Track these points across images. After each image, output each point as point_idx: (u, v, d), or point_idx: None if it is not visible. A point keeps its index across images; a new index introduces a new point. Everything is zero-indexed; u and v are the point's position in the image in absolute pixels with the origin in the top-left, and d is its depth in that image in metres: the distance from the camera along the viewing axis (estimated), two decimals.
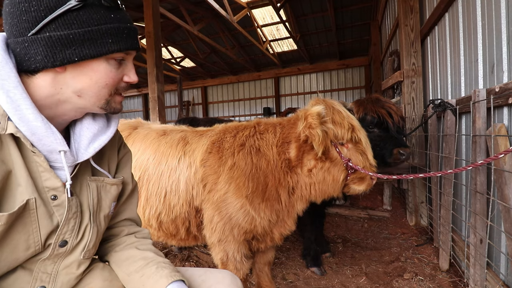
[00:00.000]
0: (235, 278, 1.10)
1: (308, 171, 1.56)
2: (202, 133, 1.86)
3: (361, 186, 1.57)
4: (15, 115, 0.67)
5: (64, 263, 0.82)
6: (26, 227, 0.71)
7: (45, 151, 0.73)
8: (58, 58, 0.68)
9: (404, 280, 2.28)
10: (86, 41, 0.68)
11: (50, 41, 0.66)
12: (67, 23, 0.66)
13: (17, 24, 0.66)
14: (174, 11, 7.75)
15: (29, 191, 0.70)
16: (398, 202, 4.45)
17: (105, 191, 0.90)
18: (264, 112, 13.10)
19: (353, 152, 1.53)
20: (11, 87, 0.66)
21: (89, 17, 0.68)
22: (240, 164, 1.60)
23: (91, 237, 0.84)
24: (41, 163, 0.72)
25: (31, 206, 0.70)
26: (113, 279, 0.94)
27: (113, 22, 0.72)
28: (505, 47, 1.83)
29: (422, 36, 3.60)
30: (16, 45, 0.68)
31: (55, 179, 0.74)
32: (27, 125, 0.68)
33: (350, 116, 1.54)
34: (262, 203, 1.59)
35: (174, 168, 1.74)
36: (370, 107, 2.33)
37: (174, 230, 1.76)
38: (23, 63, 0.69)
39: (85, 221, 0.83)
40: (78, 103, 0.77)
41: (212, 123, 2.27)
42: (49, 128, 0.71)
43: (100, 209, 0.88)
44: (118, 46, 0.73)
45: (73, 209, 0.79)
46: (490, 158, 1.22)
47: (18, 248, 0.72)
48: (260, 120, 1.81)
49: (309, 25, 9.26)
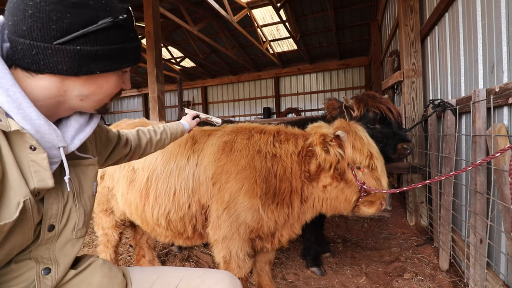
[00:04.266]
0: (234, 279, 1.10)
1: (323, 187, 1.63)
2: (210, 133, 1.87)
3: (370, 209, 1.63)
4: (18, 113, 0.67)
5: (57, 245, 0.83)
6: (23, 227, 0.71)
7: (46, 148, 0.74)
8: (82, 70, 0.71)
9: (404, 280, 2.28)
10: (111, 57, 0.74)
11: (79, 54, 0.69)
12: (97, 39, 0.71)
13: (41, 29, 0.66)
14: (174, 11, 7.76)
15: (22, 192, 0.69)
16: (398, 202, 4.45)
17: (83, 173, 0.91)
18: (264, 112, 13.11)
19: (368, 177, 1.60)
20: (9, 85, 0.66)
21: (116, 36, 0.74)
22: (256, 166, 1.64)
23: (79, 218, 0.86)
24: (40, 162, 0.71)
25: (27, 207, 0.70)
26: (112, 275, 0.95)
27: (133, 41, 0.80)
28: (505, 47, 1.83)
29: (422, 36, 3.60)
30: (32, 48, 0.67)
31: (48, 180, 0.73)
32: (31, 123, 0.69)
33: (370, 143, 1.60)
34: (272, 205, 1.63)
35: (183, 166, 1.75)
36: (371, 103, 2.30)
37: (182, 228, 1.77)
38: (32, 65, 0.69)
39: (69, 204, 0.84)
40: (77, 105, 0.79)
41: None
42: (51, 125, 0.72)
43: (83, 191, 0.89)
44: (134, 62, 0.81)
45: (52, 195, 0.79)
46: (488, 157, 1.22)
47: (15, 248, 0.72)
48: (280, 129, 1.81)
49: (309, 25, 9.27)
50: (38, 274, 0.79)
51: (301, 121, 2.80)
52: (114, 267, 1.00)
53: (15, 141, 0.69)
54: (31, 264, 0.79)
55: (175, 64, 12.52)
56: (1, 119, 0.66)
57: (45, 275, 0.80)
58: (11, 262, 0.76)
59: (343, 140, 1.57)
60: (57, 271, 0.82)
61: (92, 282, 0.90)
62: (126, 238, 3.19)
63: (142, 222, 1.89)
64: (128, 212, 1.92)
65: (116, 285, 0.94)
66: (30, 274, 0.78)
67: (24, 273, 0.78)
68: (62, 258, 0.84)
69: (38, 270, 0.79)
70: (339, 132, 1.55)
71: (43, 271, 0.80)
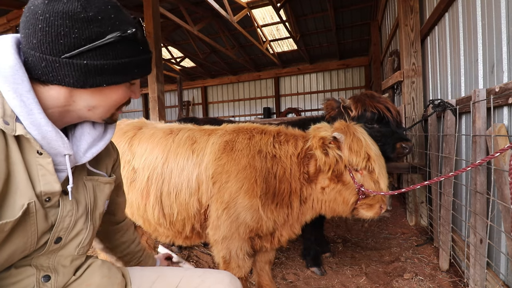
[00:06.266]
0: (234, 279, 1.10)
1: (322, 189, 1.63)
2: (210, 132, 1.87)
3: (369, 212, 1.62)
4: (27, 119, 0.69)
5: (58, 257, 0.83)
6: (25, 231, 0.71)
7: (52, 154, 0.75)
8: (88, 83, 0.73)
9: (404, 280, 2.28)
10: (118, 70, 0.75)
11: (85, 68, 0.70)
12: (104, 54, 0.72)
13: (50, 43, 0.68)
14: (174, 11, 7.75)
15: (28, 194, 0.70)
16: (398, 202, 4.45)
17: (100, 190, 0.93)
18: (264, 112, 13.10)
19: (367, 179, 1.58)
20: (24, 91, 0.68)
21: (124, 50, 0.74)
22: (256, 166, 1.64)
23: (87, 234, 0.87)
24: (46, 166, 0.73)
25: (31, 210, 0.70)
26: (111, 276, 0.95)
27: (141, 55, 0.79)
28: (505, 47, 1.83)
29: (422, 36, 3.60)
30: (41, 60, 0.70)
31: (55, 183, 0.74)
32: (39, 129, 0.70)
33: (369, 145, 1.58)
34: (272, 205, 1.63)
35: (184, 166, 1.75)
36: (369, 103, 2.29)
37: (181, 227, 1.78)
38: (42, 76, 0.71)
39: (81, 219, 0.85)
40: (85, 114, 0.81)
41: (212, 123, 2.28)
42: (58, 133, 0.74)
43: (96, 207, 0.91)
44: (141, 74, 0.82)
45: (67, 207, 0.80)
46: (487, 157, 1.22)
47: (16, 252, 0.72)
48: (281, 130, 1.81)
49: (309, 25, 9.27)
50: (38, 281, 0.79)
51: (301, 121, 2.81)
52: (113, 267, 0.99)
53: (25, 145, 0.71)
54: (31, 271, 0.79)
55: (175, 64, 12.52)
56: (8, 123, 0.67)
57: (44, 282, 0.80)
58: (11, 267, 0.76)
59: (341, 141, 1.56)
60: (56, 279, 0.83)
61: (91, 283, 0.90)
62: None
63: (144, 222, 1.89)
64: (129, 213, 1.92)
65: (116, 285, 0.94)
66: (30, 281, 0.78)
67: (23, 279, 0.78)
68: (61, 269, 0.84)
69: (38, 277, 0.80)
70: (336, 134, 1.55)
71: (43, 278, 0.80)
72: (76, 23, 0.67)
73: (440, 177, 1.37)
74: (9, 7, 5.92)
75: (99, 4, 0.71)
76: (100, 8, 0.70)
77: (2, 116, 0.66)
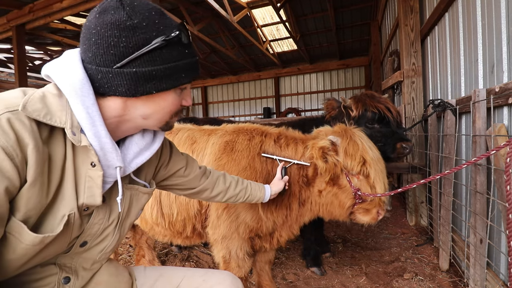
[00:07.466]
0: (235, 279, 1.11)
1: (319, 192, 1.63)
2: (209, 132, 1.87)
3: (365, 217, 1.61)
4: (91, 130, 0.71)
5: (81, 259, 0.84)
6: (61, 239, 0.73)
7: (104, 166, 0.76)
8: (139, 91, 0.74)
9: (404, 280, 2.28)
10: (165, 76, 0.75)
11: (135, 76, 0.71)
12: (152, 60, 0.72)
13: (103, 55, 0.69)
14: (174, 11, 7.75)
15: (71, 205, 0.71)
16: (398, 202, 4.45)
17: (137, 199, 0.93)
18: (264, 112, 13.10)
19: (364, 183, 1.57)
20: (89, 104, 0.71)
21: (170, 54, 0.75)
22: (256, 167, 1.64)
23: (112, 242, 0.87)
24: (95, 179, 0.73)
25: (70, 221, 0.72)
26: (119, 274, 0.96)
27: (188, 58, 0.79)
28: (505, 47, 1.83)
29: (422, 36, 3.60)
30: (97, 73, 0.71)
31: (98, 197, 0.75)
32: (99, 141, 0.72)
33: (365, 149, 1.55)
34: (272, 206, 1.63)
35: None
36: (369, 103, 2.30)
37: (181, 228, 1.78)
38: (100, 88, 0.73)
39: (110, 227, 0.85)
40: (142, 124, 0.82)
41: (212, 123, 2.28)
42: (114, 145, 0.76)
43: (128, 217, 0.91)
44: (189, 79, 0.81)
45: (99, 215, 0.81)
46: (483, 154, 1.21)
47: (48, 256, 0.74)
48: (281, 132, 1.80)
49: (309, 25, 9.27)
50: (59, 281, 0.81)
51: (301, 121, 2.81)
52: (120, 266, 1.01)
53: (80, 155, 0.72)
54: (55, 270, 0.80)
55: None
56: (75, 133, 0.69)
57: (64, 284, 0.82)
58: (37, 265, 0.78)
59: (337, 144, 1.55)
60: (75, 283, 0.84)
61: (100, 281, 0.91)
62: (126, 238, 3.19)
63: (140, 221, 1.89)
64: None
65: (123, 283, 0.96)
66: (52, 280, 0.80)
67: (47, 277, 0.79)
68: (81, 271, 0.85)
69: (60, 277, 0.81)
70: (331, 137, 1.54)
71: (63, 279, 0.81)
72: (123, 32, 0.69)
73: (435, 175, 1.36)
74: (9, 7, 5.92)
75: (143, 11, 0.72)
76: (144, 14, 0.71)
77: (71, 127, 0.68)
